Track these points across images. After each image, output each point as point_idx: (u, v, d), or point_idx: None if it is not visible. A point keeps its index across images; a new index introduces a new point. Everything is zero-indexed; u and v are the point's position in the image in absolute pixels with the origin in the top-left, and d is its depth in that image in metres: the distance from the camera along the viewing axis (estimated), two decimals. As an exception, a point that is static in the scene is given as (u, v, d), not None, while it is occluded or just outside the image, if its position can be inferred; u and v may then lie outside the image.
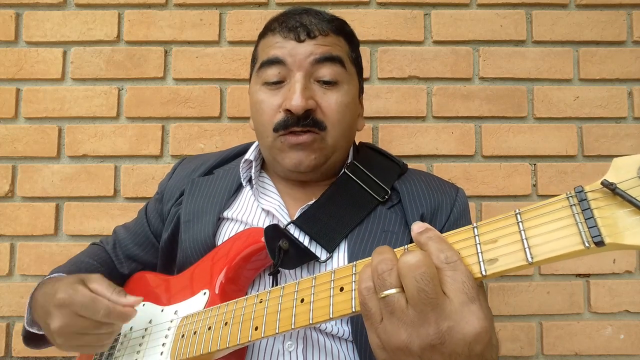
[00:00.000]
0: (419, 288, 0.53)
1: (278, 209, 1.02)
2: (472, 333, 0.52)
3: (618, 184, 0.50)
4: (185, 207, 1.09)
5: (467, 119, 1.52)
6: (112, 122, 1.53)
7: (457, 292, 0.54)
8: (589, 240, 0.50)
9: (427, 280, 0.53)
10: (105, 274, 1.12)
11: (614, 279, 1.47)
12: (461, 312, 0.53)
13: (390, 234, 0.98)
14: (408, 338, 0.54)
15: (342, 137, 1.03)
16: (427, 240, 0.58)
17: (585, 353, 1.45)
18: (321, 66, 0.99)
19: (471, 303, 0.53)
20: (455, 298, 0.53)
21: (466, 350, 0.53)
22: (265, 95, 1.01)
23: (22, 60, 1.53)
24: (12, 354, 1.45)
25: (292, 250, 0.91)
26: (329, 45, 1.01)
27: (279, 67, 0.99)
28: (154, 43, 1.54)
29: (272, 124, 0.99)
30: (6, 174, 1.50)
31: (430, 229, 0.60)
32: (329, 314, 0.64)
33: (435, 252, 0.57)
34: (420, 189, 1.05)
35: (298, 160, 0.99)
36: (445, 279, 0.55)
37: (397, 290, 0.55)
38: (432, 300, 0.53)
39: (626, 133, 1.51)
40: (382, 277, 0.56)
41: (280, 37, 1.00)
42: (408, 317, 0.54)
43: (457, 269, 0.55)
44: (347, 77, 1.03)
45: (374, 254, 0.59)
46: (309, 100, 0.96)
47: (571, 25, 1.53)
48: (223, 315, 0.81)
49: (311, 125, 0.97)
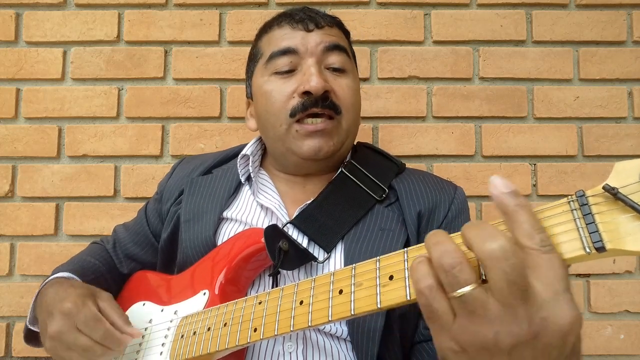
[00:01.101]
0: (509, 281, 0.46)
1: (277, 208, 1.03)
2: (567, 323, 0.47)
3: (620, 189, 0.49)
4: (185, 206, 1.10)
5: (467, 119, 1.52)
6: (112, 122, 1.53)
7: (555, 279, 0.47)
8: (590, 245, 0.49)
9: (518, 271, 0.46)
10: (106, 273, 1.12)
11: (614, 279, 1.47)
12: (557, 301, 0.47)
13: (387, 232, 0.98)
14: (495, 336, 0.47)
15: (354, 123, 1.07)
16: (517, 208, 0.50)
17: (585, 353, 1.44)
18: (331, 54, 1.03)
19: (566, 292, 0.48)
20: (551, 285, 0.47)
21: (560, 342, 0.47)
22: (275, 84, 1.02)
23: (22, 60, 1.53)
24: (12, 354, 1.45)
25: (291, 251, 0.91)
26: (335, 35, 1.06)
27: (291, 56, 1.01)
28: (154, 43, 1.54)
29: (286, 110, 1.00)
30: (6, 174, 1.50)
31: (519, 193, 0.51)
32: (327, 316, 0.64)
33: (530, 230, 0.49)
34: (418, 187, 1.06)
35: (318, 147, 0.99)
36: (540, 262, 0.48)
37: (475, 286, 0.48)
38: (523, 293, 0.47)
39: (626, 133, 1.50)
40: (453, 274, 0.48)
41: (289, 29, 1.03)
42: (493, 313, 0.47)
43: (553, 253, 0.49)
44: (352, 67, 1.08)
45: (430, 244, 0.51)
46: (326, 82, 0.98)
47: (571, 25, 1.53)
48: (222, 316, 0.81)
49: (331, 107, 0.99)
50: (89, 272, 1.08)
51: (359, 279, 0.63)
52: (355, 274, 0.64)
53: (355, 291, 0.63)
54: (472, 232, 0.50)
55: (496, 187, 0.51)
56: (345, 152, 1.09)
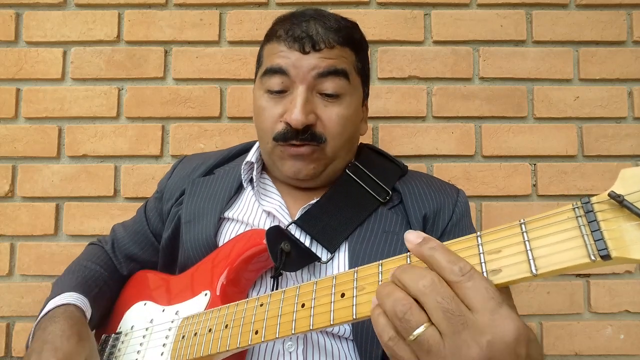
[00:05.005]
0: (444, 309, 0.50)
1: (279, 210, 1.03)
2: (512, 338, 0.49)
3: (626, 196, 0.49)
4: (186, 207, 1.09)
5: (467, 119, 1.52)
6: (112, 122, 1.53)
7: (484, 301, 0.50)
8: (595, 253, 0.49)
9: (449, 298, 0.50)
10: (109, 279, 1.12)
11: (614, 279, 1.47)
12: (494, 321, 0.49)
13: (391, 235, 0.98)
14: None
15: (342, 148, 1.04)
16: (431, 252, 0.55)
17: (585, 353, 1.45)
18: (324, 80, 0.98)
19: (500, 308, 0.50)
20: (483, 308, 0.50)
21: (514, 356, 0.49)
22: (267, 104, 1.01)
23: (22, 60, 1.53)
24: (12, 354, 1.45)
25: (294, 252, 0.90)
26: (334, 58, 0.99)
27: (282, 77, 0.98)
28: (154, 43, 1.54)
29: (272, 132, 1.00)
30: (6, 174, 1.50)
31: (429, 238, 0.56)
32: (329, 320, 0.64)
33: (447, 266, 0.53)
34: (422, 190, 1.06)
35: (297, 169, 1.00)
36: (466, 291, 0.51)
37: (427, 325, 0.51)
38: (460, 319, 0.50)
39: (626, 133, 1.51)
40: (405, 319, 0.52)
41: (285, 47, 0.99)
42: (447, 349, 0.50)
43: (474, 278, 0.52)
44: (351, 89, 1.02)
45: (382, 297, 0.55)
46: (309, 116, 0.96)
47: (571, 25, 1.53)
48: (224, 317, 0.81)
49: (309, 139, 0.97)
50: (92, 285, 1.06)
51: (361, 283, 0.63)
52: (357, 277, 0.64)
53: (357, 295, 0.63)
54: (405, 275, 0.54)
55: (411, 242, 0.57)
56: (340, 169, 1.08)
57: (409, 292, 0.53)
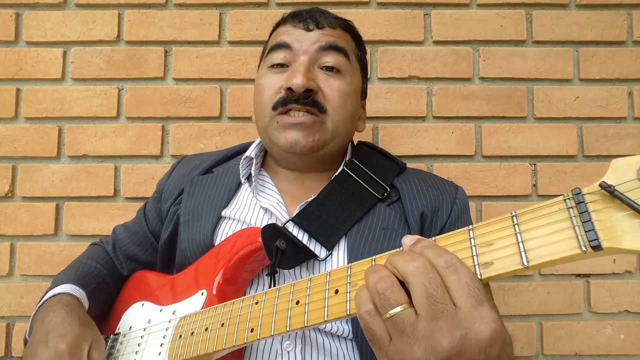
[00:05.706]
0: (428, 294, 0.51)
1: (277, 207, 1.02)
2: (486, 338, 0.50)
3: (616, 186, 0.49)
4: (185, 206, 1.09)
5: (467, 119, 1.52)
6: (112, 122, 1.53)
7: (464, 297, 0.51)
8: (586, 244, 0.49)
9: (435, 285, 0.52)
10: (108, 277, 1.12)
11: (614, 279, 1.46)
12: (472, 318, 0.50)
13: (390, 231, 0.98)
14: (423, 354, 0.51)
15: (343, 125, 1.04)
16: (422, 250, 0.56)
17: (585, 353, 1.44)
18: (326, 53, 1.02)
19: (480, 306, 0.51)
20: (463, 304, 0.51)
21: (483, 356, 0.50)
22: (268, 79, 1.04)
23: (22, 60, 1.53)
24: (12, 354, 1.46)
25: (290, 249, 0.90)
26: (335, 36, 1.05)
27: (285, 51, 1.03)
28: (154, 43, 1.54)
29: (271, 102, 1.01)
30: (6, 174, 1.50)
31: (421, 239, 0.58)
32: (323, 316, 0.64)
33: (434, 258, 0.54)
34: (420, 187, 1.05)
35: (294, 140, 0.99)
36: (449, 285, 0.52)
37: (404, 306, 0.52)
38: (441, 307, 0.51)
39: (626, 133, 1.50)
40: (385, 296, 0.53)
41: (290, 26, 1.05)
42: (420, 332, 0.51)
43: (458, 272, 0.53)
44: (351, 70, 1.06)
45: (369, 274, 0.57)
46: (310, 81, 0.98)
47: (571, 25, 1.53)
48: (220, 316, 0.81)
49: (311, 104, 0.98)
50: (90, 280, 1.06)
51: (354, 279, 0.63)
52: (351, 273, 0.64)
53: (351, 291, 0.63)
54: (397, 257, 0.56)
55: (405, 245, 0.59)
56: (337, 152, 1.08)
57: (399, 273, 0.55)
